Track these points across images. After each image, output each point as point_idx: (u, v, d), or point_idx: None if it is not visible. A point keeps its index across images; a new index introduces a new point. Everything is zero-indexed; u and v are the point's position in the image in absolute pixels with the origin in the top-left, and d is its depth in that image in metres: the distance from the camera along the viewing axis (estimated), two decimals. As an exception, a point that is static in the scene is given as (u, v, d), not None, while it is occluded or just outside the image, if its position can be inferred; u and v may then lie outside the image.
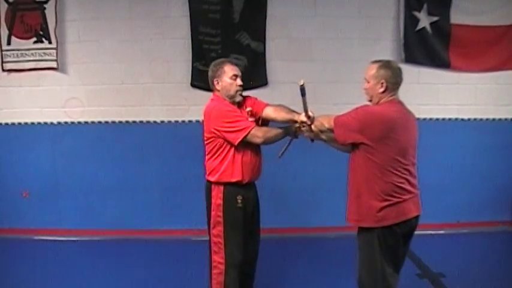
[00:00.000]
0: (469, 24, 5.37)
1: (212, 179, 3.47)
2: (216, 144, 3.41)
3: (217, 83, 3.50)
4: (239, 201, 3.46)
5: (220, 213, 3.46)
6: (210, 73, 3.55)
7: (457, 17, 5.34)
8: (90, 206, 5.52)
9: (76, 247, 5.29)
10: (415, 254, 4.98)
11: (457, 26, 5.35)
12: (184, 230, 5.43)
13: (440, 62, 5.42)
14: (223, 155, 3.42)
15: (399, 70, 3.21)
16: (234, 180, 3.42)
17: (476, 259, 4.86)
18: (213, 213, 3.49)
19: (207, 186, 3.54)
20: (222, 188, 3.44)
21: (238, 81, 3.50)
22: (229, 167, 3.42)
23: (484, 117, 5.59)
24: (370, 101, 3.29)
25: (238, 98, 3.54)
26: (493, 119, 5.60)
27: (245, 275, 3.62)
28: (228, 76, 3.48)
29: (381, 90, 3.16)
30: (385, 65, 3.21)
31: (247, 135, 3.32)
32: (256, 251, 3.73)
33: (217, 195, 3.46)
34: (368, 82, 3.25)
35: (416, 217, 3.22)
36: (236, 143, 3.35)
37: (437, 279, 4.46)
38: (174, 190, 5.49)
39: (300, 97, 3.31)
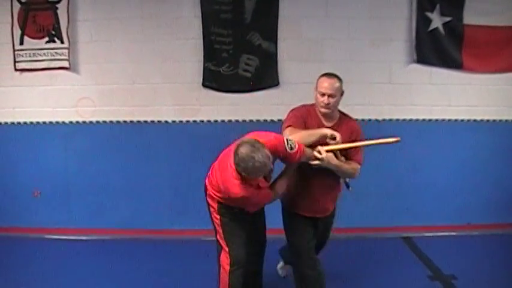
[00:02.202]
0: (482, 24, 5.31)
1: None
2: None
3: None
4: None
5: (218, 216, 3.47)
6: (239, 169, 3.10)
7: (470, 18, 5.28)
8: (101, 205, 5.53)
9: (86, 246, 5.31)
10: (427, 256, 4.98)
11: (470, 27, 5.30)
12: (195, 230, 5.41)
13: (452, 63, 5.38)
14: None
15: None
16: None
17: (488, 261, 4.83)
18: (212, 215, 3.52)
19: (205, 189, 3.58)
20: None
21: (261, 181, 3.27)
22: None
23: (497, 118, 5.54)
24: (327, 114, 3.52)
25: None
26: (506, 120, 5.54)
27: (252, 272, 3.64)
28: (253, 179, 3.16)
29: (340, 100, 3.54)
30: (338, 76, 3.54)
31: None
32: (260, 249, 3.75)
33: (213, 199, 3.49)
34: (334, 96, 3.46)
35: None
36: None
37: (449, 281, 4.45)
38: (184, 190, 5.48)
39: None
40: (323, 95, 3.45)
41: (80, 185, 5.52)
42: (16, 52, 5.29)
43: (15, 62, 5.30)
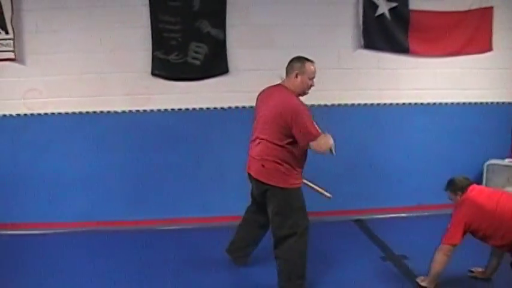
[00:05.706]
0: (428, 10, 5.46)
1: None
2: None
3: None
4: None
5: None
6: None
7: (415, 3, 5.42)
8: (54, 198, 5.42)
9: (40, 240, 5.21)
10: (379, 238, 5.07)
11: (415, 12, 5.42)
12: (151, 220, 5.43)
13: (399, 48, 5.49)
14: None
15: None
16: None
17: (437, 240, 4.93)
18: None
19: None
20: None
21: None
22: None
23: (443, 101, 5.68)
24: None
25: None
26: (452, 103, 5.70)
27: None
28: None
29: None
30: None
31: None
32: None
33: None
34: None
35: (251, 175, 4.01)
36: None
37: (401, 261, 4.56)
38: (138, 179, 5.45)
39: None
40: (312, 78, 3.92)
41: (31, 179, 5.38)
42: (-42, 44, 5.14)
43: (-42, 54, 5.15)
